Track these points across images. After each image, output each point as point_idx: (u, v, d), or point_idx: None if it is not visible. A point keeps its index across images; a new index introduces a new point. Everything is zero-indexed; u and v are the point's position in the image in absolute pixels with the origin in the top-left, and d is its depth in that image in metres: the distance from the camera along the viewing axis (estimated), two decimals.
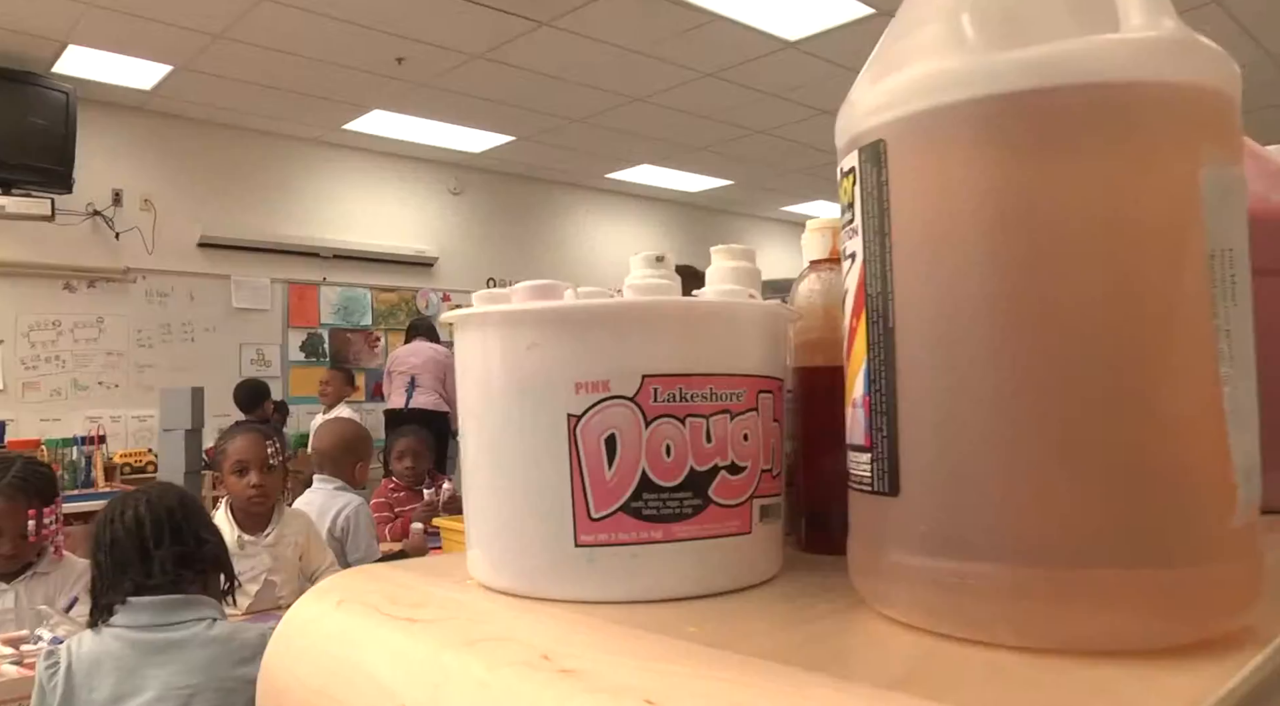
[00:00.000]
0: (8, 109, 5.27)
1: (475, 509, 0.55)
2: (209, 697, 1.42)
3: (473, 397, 0.54)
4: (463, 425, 0.56)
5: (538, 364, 0.50)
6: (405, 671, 0.46)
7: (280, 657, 0.56)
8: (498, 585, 0.53)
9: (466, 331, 0.55)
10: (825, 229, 0.69)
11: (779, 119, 6.58)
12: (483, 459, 0.54)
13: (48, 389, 5.81)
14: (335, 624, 0.54)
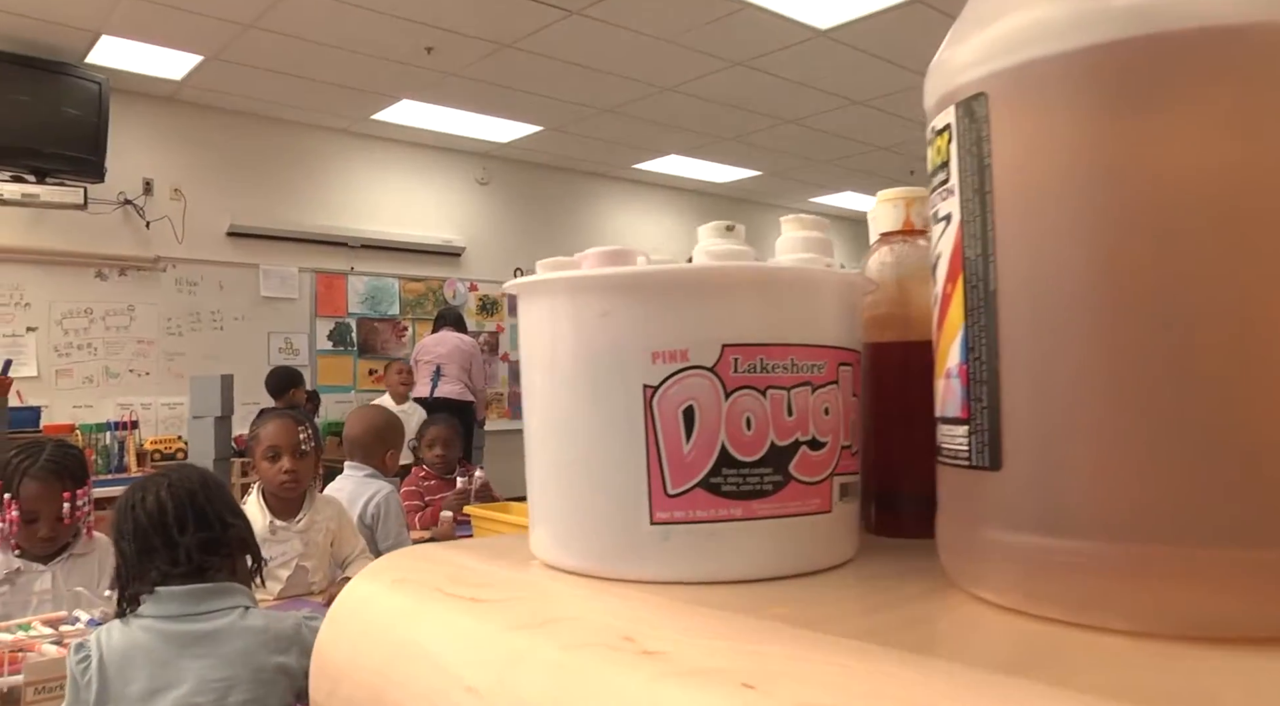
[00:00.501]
0: (42, 99, 5.31)
1: (541, 486, 0.52)
2: (246, 689, 1.39)
3: (539, 370, 0.52)
4: (527, 400, 0.54)
5: (612, 333, 0.48)
6: (470, 652, 0.44)
7: (335, 638, 0.54)
8: (564, 564, 0.51)
9: (532, 300, 0.53)
10: (898, 200, 0.66)
11: (809, 109, 6.52)
12: (550, 434, 0.51)
13: (80, 376, 5.87)
14: (393, 603, 0.52)
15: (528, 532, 0.55)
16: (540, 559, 0.53)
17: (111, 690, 1.34)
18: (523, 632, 0.43)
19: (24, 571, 2.12)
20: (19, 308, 5.69)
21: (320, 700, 0.52)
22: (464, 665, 0.43)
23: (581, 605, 0.45)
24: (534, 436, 0.53)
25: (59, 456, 2.11)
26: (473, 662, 0.43)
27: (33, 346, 5.67)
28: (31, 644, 1.60)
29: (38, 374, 5.63)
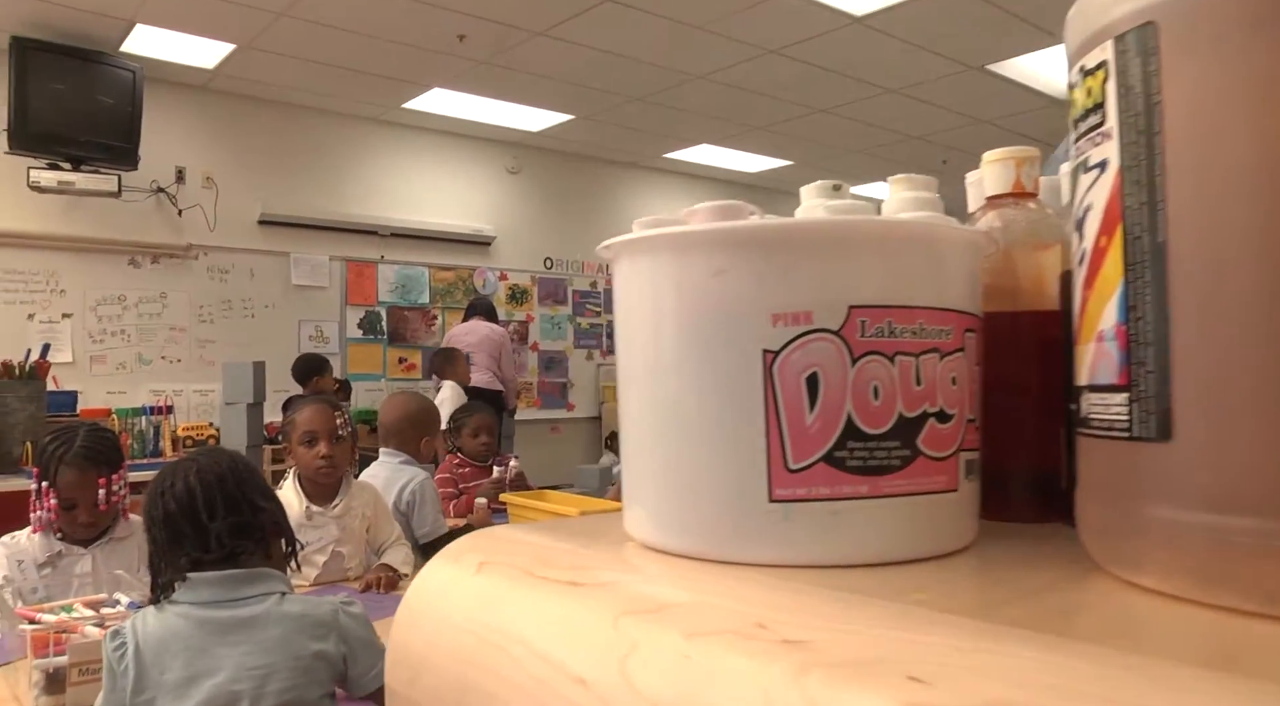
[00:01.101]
0: (78, 87, 5.33)
1: (641, 463, 0.48)
2: (285, 676, 1.36)
3: (640, 336, 0.48)
4: (625, 370, 0.50)
5: (727, 294, 0.44)
6: (575, 640, 0.40)
7: (413, 624, 0.50)
8: (667, 546, 0.47)
9: (635, 260, 0.49)
10: (1007, 159, 0.61)
11: (842, 97, 6.44)
12: (653, 406, 0.47)
13: (113, 362, 5.90)
14: (479, 588, 0.48)
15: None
16: (638, 540, 0.49)
17: (148, 678, 1.31)
18: (636, 619, 0.39)
19: (65, 554, 2.11)
20: (55, 294, 5.73)
21: (399, 688, 0.49)
22: (570, 654, 0.39)
23: (699, 589, 0.41)
24: (633, 409, 0.49)
25: (93, 442, 2.09)
26: (580, 651, 0.39)
27: (68, 332, 5.71)
28: (75, 625, 1.58)
29: (73, 360, 5.67)
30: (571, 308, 8.00)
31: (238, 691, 1.33)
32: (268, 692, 1.34)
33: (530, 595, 0.44)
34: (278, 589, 1.44)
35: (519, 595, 0.44)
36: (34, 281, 5.70)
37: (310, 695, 1.39)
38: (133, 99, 5.53)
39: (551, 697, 0.38)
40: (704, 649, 0.35)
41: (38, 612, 1.66)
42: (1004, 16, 4.96)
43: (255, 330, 6.34)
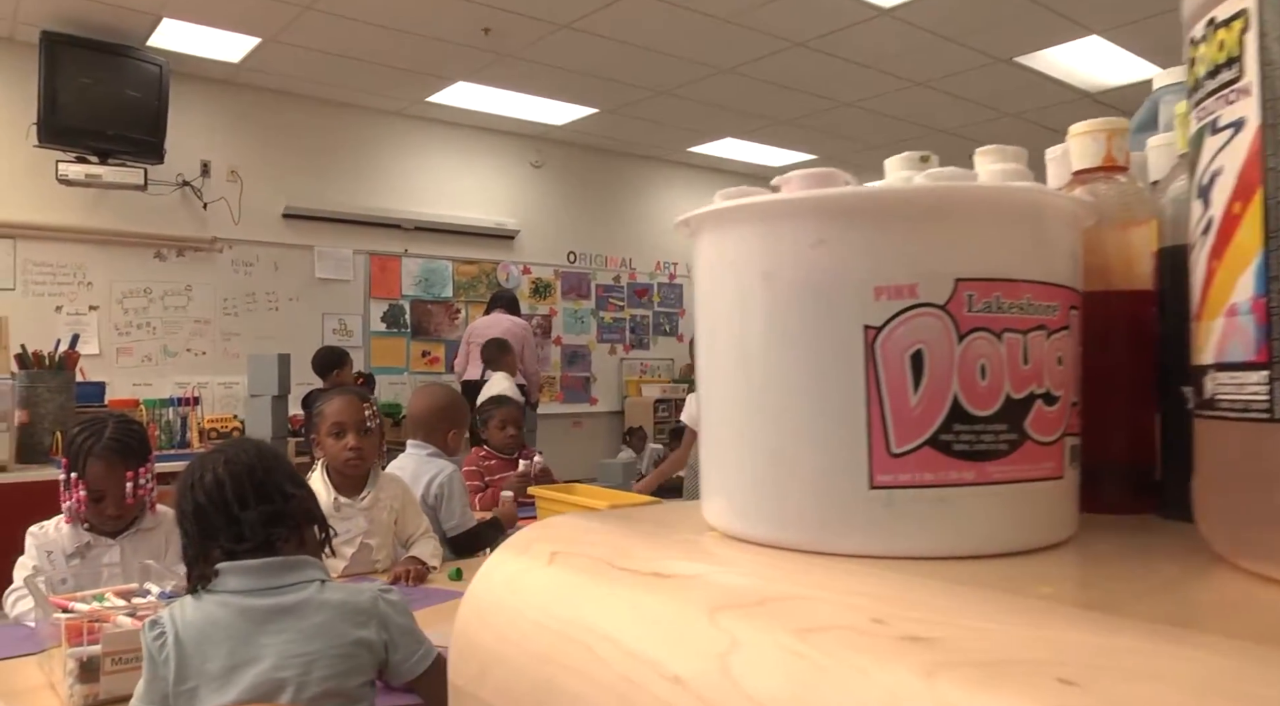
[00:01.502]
0: (106, 81, 5.35)
1: (727, 449, 0.45)
2: (328, 663, 1.35)
3: (727, 314, 0.45)
4: (707, 349, 0.47)
5: (827, 265, 0.41)
6: (667, 636, 0.37)
7: (481, 619, 0.47)
8: (756, 537, 0.44)
9: (723, 231, 0.46)
10: (1097, 132, 0.58)
11: (869, 90, 6.38)
12: (741, 386, 0.44)
13: (139, 355, 5.93)
14: (554, 580, 0.45)
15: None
16: (720, 530, 0.46)
17: (190, 667, 1.30)
18: (735, 614, 0.36)
19: (93, 545, 2.11)
20: (82, 286, 5.76)
21: (463, 685, 0.46)
22: (663, 651, 0.36)
23: (802, 582, 0.38)
24: (719, 393, 0.46)
25: (121, 435, 2.08)
26: (674, 648, 0.36)
27: (94, 325, 5.74)
28: (107, 615, 1.57)
29: (99, 352, 5.70)
30: (594, 302, 7.98)
31: (282, 679, 1.31)
32: (311, 680, 1.33)
33: (613, 588, 0.41)
34: (317, 576, 1.43)
35: (601, 588, 0.41)
36: (62, 274, 5.73)
37: (352, 682, 1.38)
38: (159, 93, 5.56)
39: (644, 698, 0.35)
40: (818, 647, 0.33)
41: (70, 601, 1.66)
42: (1034, 8, 4.89)
43: (279, 323, 6.35)
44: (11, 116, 5.36)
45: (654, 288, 8.38)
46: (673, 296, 8.53)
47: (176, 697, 1.29)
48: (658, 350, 8.42)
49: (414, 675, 1.45)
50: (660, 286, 8.43)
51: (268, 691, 1.30)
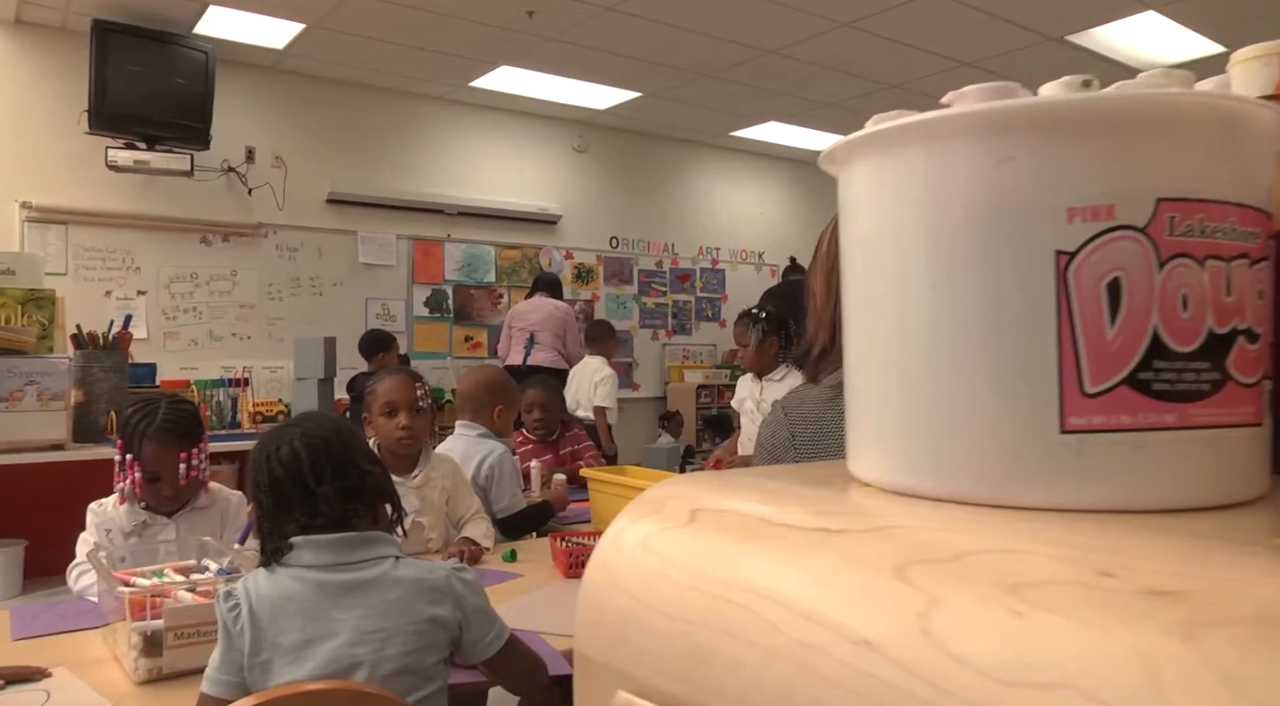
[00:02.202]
0: (153, 68, 5.40)
1: (884, 397, 0.42)
2: (403, 640, 1.33)
3: (889, 246, 0.41)
4: (865, 290, 0.43)
5: (1014, 185, 0.37)
6: (848, 597, 0.33)
7: (613, 583, 0.44)
8: (923, 490, 0.40)
9: (881, 156, 0.42)
10: (1267, 56, 0.53)
11: (915, 72, 6.27)
12: (906, 328, 0.40)
13: (186, 339, 5.99)
14: (699, 539, 0.41)
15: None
16: (876, 484, 0.43)
17: (264, 639, 1.29)
18: (930, 569, 0.32)
19: (150, 524, 2.12)
20: (130, 271, 5.83)
21: (593, 655, 0.43)
22: (846, 612, 0.33)
23: (998, 534, 0.35)
24: (878, 334, 0.42)
25: (174, 416, 2.09)
26: (860, 609, 0.32)
27: (143, 309, 5.80)
28: (168, 590, 1.57)
29: (147, 336, 5.76)
30: (637, 287, 7.95)
31: (357, 655, 1.30)
32: (386, 657, 1.31)
33: (777, 546, 0.37)
34: (391, 553, 1.42)
35: (761, 546, 0.38)
36: (111, 259, 5.80)
37: (427, 660, 1.37)
38: (205, 80, 5.60)
39: (826, 663, 0.32)
40: (1037, 602, 0.29)
41: (131, 577, 1.66)
42: None
43: (323, 308, 6.39)
44: (64, 105, 5.43)
45: (696, 273, 8.33)
46: (715, 282, 8.47)
47: (250, 670, 1.28)
48: (700, 336, 8.36)
49: (488, 655, 1.44)
50: (703, 272, 8.37)
51: (343, 668, 1.29)
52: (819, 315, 1.51)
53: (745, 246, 8.63)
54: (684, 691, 0.36)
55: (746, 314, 3.66)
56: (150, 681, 1.49)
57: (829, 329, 1.50)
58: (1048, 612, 0.28)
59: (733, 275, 8.56)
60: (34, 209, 5.45)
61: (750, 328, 3.58)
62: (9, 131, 5.41)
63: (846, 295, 0.45)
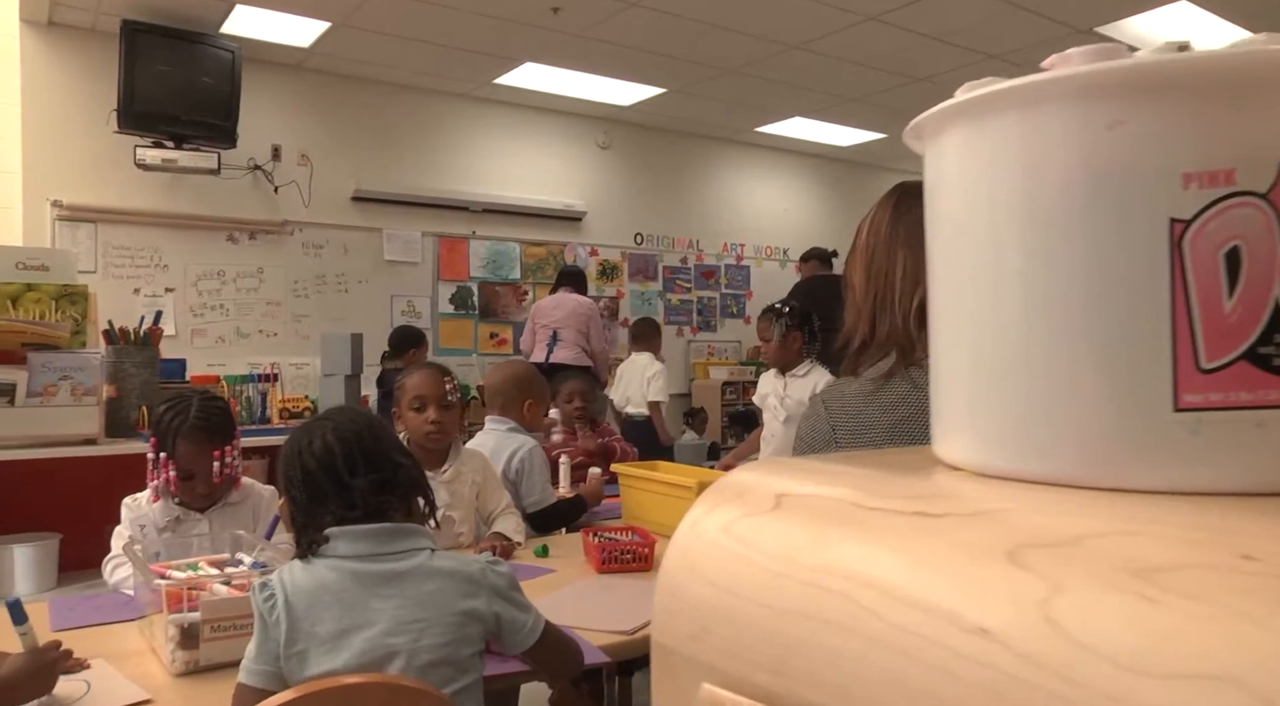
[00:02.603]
0: (181, 68, 5.45)
1: (977, 377, 0.40)
2: (440, 631, 1.33)
3: (979, 220, 0.39)
4: (953, 264, 0.41)
5: (1126, 151, 0.35)
6: (958, 583, 0.31)
7: (694, 571, 0.42)
8: (1021, 472, 0.38)
9: (976, 124, 0.40)
10: None
11: (942, 65, 6.22)
12: (1002, 304, 0.38)
13: (213, 336, 6.04)
14: (788, 525, 0.39)
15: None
16: (967, 468, 0.41)
17: (300, 629, 1.29)
18: (1048, 554, 0.30)
19: (183, 519, 2.14)
20: (158, 269, 5.88)
21: (675, 646, 0.41)
22: (957, 599, 0.31)
23: (1117, 516, 0.33)
24: (969, 310, 0.40)
25: (207, 413, 2.09)
26: (973, 596, 0.31)
27: (170, 306, 5.84)
28: (204, 583, 1.58)
29: (175, 333, 5.80)
30: (662, 283, 7.93)
31: (393, 645, 1.30)
32: (423, 647, 1.31)
33: (874, 531, 0.35)
34: (427, 545, 1.42)
35: (857, 531, 0.36)
36: (139, 257, 5.85)
37: (463, 652, 1.36)
38: (232, 78, 5.63)
39: (937, 652, 0.30)
40: (1173, 588, 0.27)
41: (167, 569, 1.66)
42: None
43: (349, 305, 6.42)
44: (94, 104, 5.49)
45: (721, 269, 8.30)
46: (740, 278, 8.43)
47: (287, 660, 1.28)
48: (725, 332, 8.34)
49: (527, 645, 1.44)
50: (727, 268, 8.34)
51: (379, 657, 1.28)
52: (858, 307, 1.49)
53: (770, 243, 8.60)
54: (777, 683, 0.34)
55: (770, 309, 3.64)
56: (187, 673, 1.50)
57: (869, 321, 1.47)
58: (1186, 598, 0.26)
59: (757, 271, 8.52)
60: (65, 207, 5.51)
61: (773, 323, 3.56)
62: (41, 131, 5.47)
63: (934, 274, 0.43)
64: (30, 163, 5.45)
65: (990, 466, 0.40)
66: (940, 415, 0.43)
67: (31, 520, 2.88)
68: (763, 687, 0.35)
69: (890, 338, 1.42)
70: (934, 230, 0.43)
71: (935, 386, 0.44)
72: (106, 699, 1.38)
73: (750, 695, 0.35)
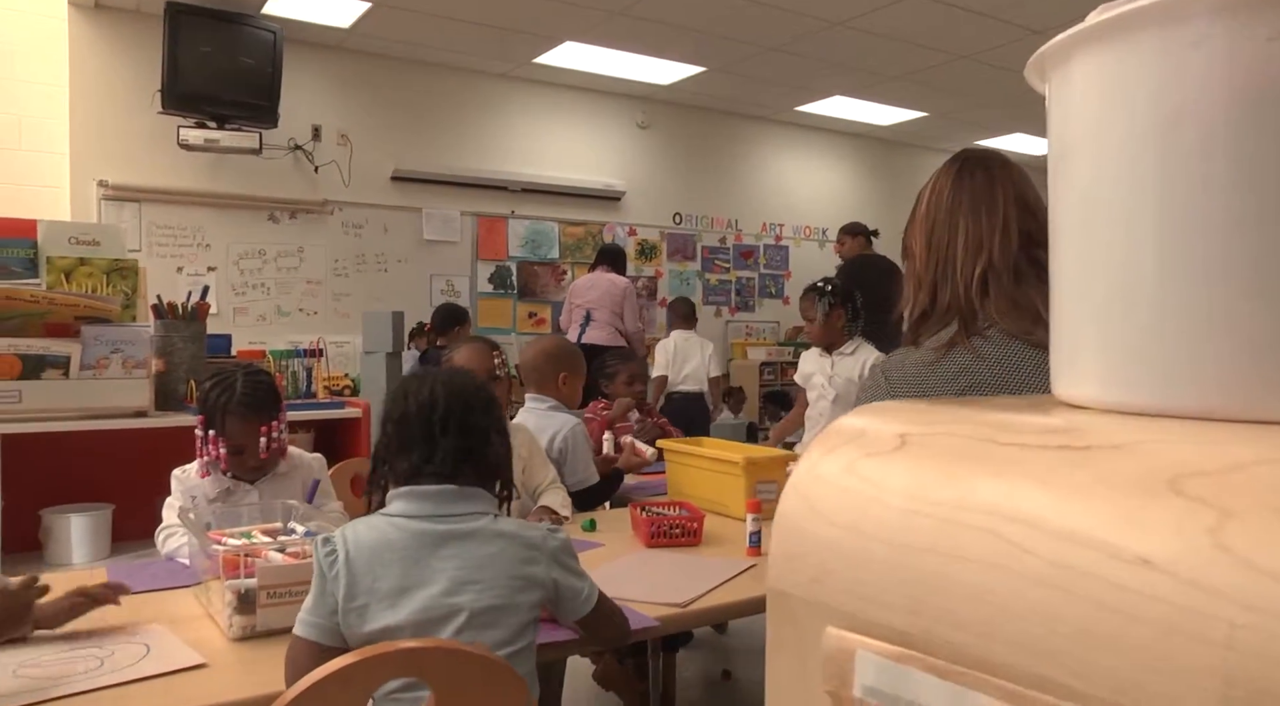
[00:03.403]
0: (223, 49, 5.49)
1: (1108, 307, 0.38)
2: (499, 594, 1.33)
3: (1107, 143, 0.37)
4: (1073, 195, 0.39)
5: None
6: (1115, 514, 0.30)
7: (816, 513, 0.40)
8: (1158, 406, 0.36)
9: (1112, 45, 0.38)
10: None
11: (987, 42, 6.10)
12: (1136, 229, 0.36)
13: (255, 314, 6.11)
14: (917, 462, 0.38)
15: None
16: (1098, 405, 0.39)
17: (360, 585, 1.30)
18: (1209, 483, 0.29)
19: (234, 490, 2.16)
20: (201, 248, 5.95)
21: (793, 590, 0.40)
22: (1115, 531, 0.29)
23: (1270, 446, 0.31)
24: (1099, 241, 0.38)
25: (252, 389, 2.11)
26: (1132, 527, 0.29)
27: (213, 285, 5.91)
28: (258, 550, 1.59)
29: (217, 311, 5.87)
30: (700, 263, 7.90)
31: (453, 604, 1.31)
32: (481, 608, 1.32)
33: (1014, 465, 0.34)
34: (490, 509, 1.42)
35: (993, 466, 0.34)
36: (182, 236, 5.92)
37: (521, 616, 1.37)
38: (273, 59, 5.67)
39: (1096, 586, 0.28)
40: None
41: (223, 537, 1.68)
42: None
43: (388, 284, 6.46)
44: (138, 86, 5.56)
45: (760, 249, 8.25)
46: (778, 258, 8.38)
47: (346, 613, 1.29)
48: (763, 313, 8.29)
49: (581, 614, 1.45)
50: (766, 248, 8.29)
51: (439, 616, 1.30)
52: (918, 276, 1.47)
53: (809, 222, 8.53)
54: (913, 624, 0.33)
55: (812, 288, 3.61)
56: (244, 638, 1.51)
57: (929, 290, 1.45)
58: None
59: (796, 251, 8.46)
60: (110, 187, 5.58)
61: (816, 301, 3.53)
62: (88, 113, 5.54)
63: (1056, 209, 0.41)
64: (77, 144, 5.53)
65: (1126, 402, 0.38)
66: (1065, 353, 0.41)
67: (85, 491, 2.92)
68: (896, 629, 0.34)
69: (951, 306, 1.40)
70: (1059, 163, 0.41)
71: (1058, 325, 0.42)
72: (165, 661, 1.40)
73: (881, 637, 0.34)
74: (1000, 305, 1.36)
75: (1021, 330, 1.32)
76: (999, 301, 1.36)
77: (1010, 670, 0.30)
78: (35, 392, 2.64)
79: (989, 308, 1.36)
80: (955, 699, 0.31)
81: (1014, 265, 1.38)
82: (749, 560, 2.02)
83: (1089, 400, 0.40)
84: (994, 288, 1.37)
